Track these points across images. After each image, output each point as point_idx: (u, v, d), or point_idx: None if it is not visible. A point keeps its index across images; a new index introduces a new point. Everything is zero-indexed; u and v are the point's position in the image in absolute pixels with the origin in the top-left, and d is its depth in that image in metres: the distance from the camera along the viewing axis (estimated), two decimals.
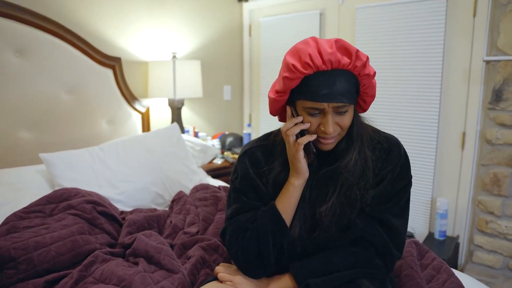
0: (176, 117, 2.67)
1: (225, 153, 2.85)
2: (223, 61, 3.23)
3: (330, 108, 0.89)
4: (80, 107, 2.23)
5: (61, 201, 1.47)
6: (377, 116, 2.55)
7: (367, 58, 0.91)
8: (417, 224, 2.54)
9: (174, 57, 2.61)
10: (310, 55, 0.86)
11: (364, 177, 0.97)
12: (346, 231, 0.99)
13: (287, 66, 0.90)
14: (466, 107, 2.32)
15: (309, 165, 0.99)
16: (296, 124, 0.94)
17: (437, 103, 2.38)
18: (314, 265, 0.98)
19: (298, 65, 0.88)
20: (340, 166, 0.97)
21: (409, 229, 2.50)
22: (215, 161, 2.71)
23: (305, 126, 0.93)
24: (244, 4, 3.31)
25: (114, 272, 1.12)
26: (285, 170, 1.01)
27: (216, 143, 2.83)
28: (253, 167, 1.05)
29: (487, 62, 2.22)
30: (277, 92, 0.95)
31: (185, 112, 2.92)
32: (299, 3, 2.98)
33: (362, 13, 2.61)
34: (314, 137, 0.94)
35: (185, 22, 2.86)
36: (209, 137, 2.91)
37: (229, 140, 2.86)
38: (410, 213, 2.61)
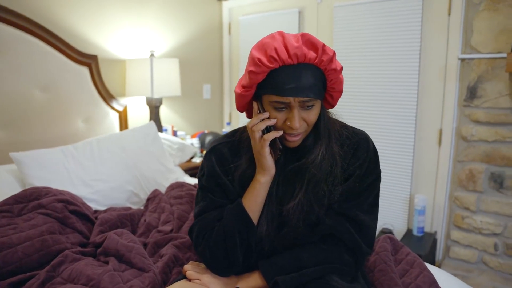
0: (154, 115, 2.63)
1: (204, 151, 2.83)
2: (202, 59, 3.21)
3: (296, 103, 0.88)
4: (54, 106, 2.18)
5: (30, 201, 1.43)
6: (355, 113, 2.60)
7: (334, 52, 0.89)
8: (396, 220, 2.56)
9: (152, 55, 2.58)
10: (276, 49, 0.85)
11: (332, 172, 0.96)
12: (315, 228, 0.98)
13: (252, 60, 0.88)
14: (442, 104, 2.35)
15: (276, 162, 0.98)
16: (262, 120, 0.93)
17: (414, 101, 2.41)
18: (283, 263, 0.96)
19: (264, 59, 0.86)
20: (307, 162, 0.95)
21: (388, 226, 2.53)
22: (194, 159, 2.68)
23: (271, 122, 0.91)
24: (224, 3, 3.29)
25: (82, 272, 1.09)
26: (251, 167, 0.99)
27: (195, 142, 2.81)
28: (220, 164, 1.03)
29: (462, 60, 2.26)
30: (243, 87, 0.93)
31: (164, 111, 2.89)
32: (278, 1, 2.98)
33: (340, 11, 2.62)
34: (280, 133, 0.92)
35: (163, 20, 2.82)
36: (188, 136, 2.88)
37: (208, 138, 2.84)
38: (389, 210, 2.65)
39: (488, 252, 2.28)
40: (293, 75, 0.87)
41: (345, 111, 2.63)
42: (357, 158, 0.99)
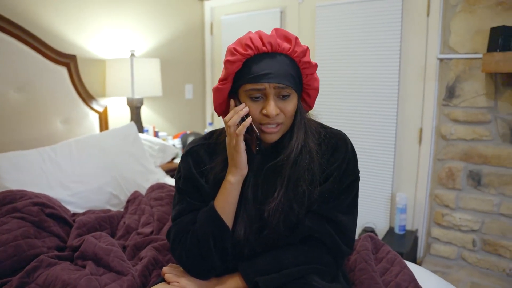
0: (135, 116, 2.60)
1: None
2: (184, 59, 3.18)
3: (271, 89, 0.89)
4: (31, 106, 2.12)
5: (4, 204, 1.39)
6: (336, 113, 2.62)
7: (307, 48, 0.92)
8: (378, 219, 2.59)
9: (132, 55, 2.54)
10: (251, 38, 0.89)
11: (310, 170, 0.96)
12: (295, 230, 0.98)
13: (229, 51, 0.91)
14: (422, 103, 2.39)
15: (250, 161, 0.97)
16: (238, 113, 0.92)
17: (395, 100, 2.43)
18: (263, 264, 0.96)
19: (239, 48, 0.89)
20: (283, 158, 0.95)
21: (370, 224, 2.55)
22: (175, 160, 2.66)
23: (245, 110, 0.91)
24: (205, 2, 3.27)
25: (58, 277, 1.06)
26: (226, 168, 0.98)
27: (177, 142, 2.78)
28: (196, 166, 1.02)
29: (441, 60, 2.30)
30: (220, 80, 0.94)
31: (145, 111, 2.85)
32: (260, 1, 2.98)
33: (322, 11, 2.64)
34: (249, 120, 0.91)
35: (144, 19, 2.79)
36: (170, 137, 2.85)
37: (190, 139, 2.82)
38: (371, 208, 2.67)
39: (467, 248, 2.33)
40: (268, 62, 0.89)
41: (327, 110, 2.67)
42: (336, 159, 0.99)
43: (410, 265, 1.31)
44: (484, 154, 2.22)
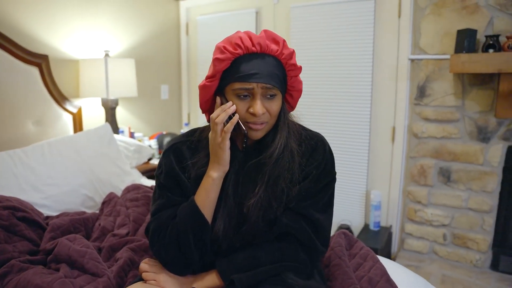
0: (110, 117, 2.56)
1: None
2: (159, 60, 3.16)
3: (259, 89, 0.91)
4: (1, 108, 2.06)
5: None
6: (311, 112, 2.65)
7: (293, 50, 0.96)
8: (354, 216, 2.64)
9: (106, 55, 2.51)
10: (240, 38, 0.91)
11: (290, 169, 0.98)
12: (272, 227, 1.00)
13: (218, 49, 0.92)
14: (395, 103, 2.45)
15: (232, 158, 0.98)
16: (225, 111, 0.93)
17: (368, 99, 2.49)
18: (240, 261, 0.97)
19: (229, 47, 0.91)
20: (266, 156, 0.97)
21: (345, 222, 2.60)
22: (152, 161, 2.64)
23: (232, 108, 0.92)
24: (181, 2, 3.26)
25: (30, 281, 1.04)
26: (208, 164, 0.99)
27: (154, 143, 2.76)
28: (178, 162, 1.02)
29: (412, 60, 2.37)
30: (207, 78, 0.95)
31: (120, 112, 2.81)
32: (235, 1, 2.99)
33: (296, 12, 2.67)
34: (237, 117, 0.92)
35: (118, 19, 2.75)
36: (146, 138, 2.83)
37: (166, 140, 2.80)
38: (346, 206, 2.72)
39: (438, 243, 2.41)
40: (257, 62, 0.91)
41: (302, 109, 2.68)
42: (315, 159, 1.02)
43: (385, 260, 1.35)
44: (453, 151, 2.30)
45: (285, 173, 0.98)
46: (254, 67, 0.90)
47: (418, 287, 1.26)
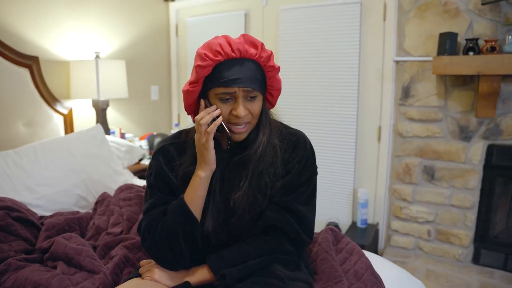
0: (101, 118, 2.58)
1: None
2: (149, 61, 3.18)
3: (240, 92, 0.97)
4: None
5: None
6: (300, 112, 2.72)
7: (271, 52, 1.00)
8: (342, 214, 2.71)
9: (97, 56, 2.53)
10: (220, 44, 0.95)
11: (273, 164, 1.04)
12: (258, 220, 1.05)
13: (199, 56, 0.96)
14: (380, 103, 2.53)
15: (218, 157, 1.03)
16: (209, 113, 0.98)
17: (355, 100, 2.56)
18: (229, 256, 1.02)
19: (210, 54, 0.95)
20: (250, 153, 1.03)
21: (334, 219, 2.67)
22: (143, 161, 2.66)
23: (217, 112, 0.98)
24: (170, 4, 3.29)
25: (29, 278, 1.08)
26: (195, 164, 1.05)
27: (144, 144, 2.79)
28: (167, 163, 1.08)
29: (397, 62, 2.44)
30: (190, 83, 1.00)
31: (111, 113, 2.84)
32: (224, 3, 3.03)
33: (285, 14, 2.72)
34: (220, 119, 0.98)
35: (108, 21, 2.77)
36: (137, 138, 2.85)
37: (157, 140, 2.83)
38: (334, 204, 2.78)
39: (423, 238, 2.49)
40: (237, 68, 0.96)
41: (290, 110, 2.76)
42: (297, 155, 1.08)
43: (372, 256, 1.41)
44: (437, 150, 2.38)
45: (268, 168, 1.04)
46: (235, 73, 0.95)
47: (402, 280, 1.32)
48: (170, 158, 1.08)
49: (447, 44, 2.09)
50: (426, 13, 2.28)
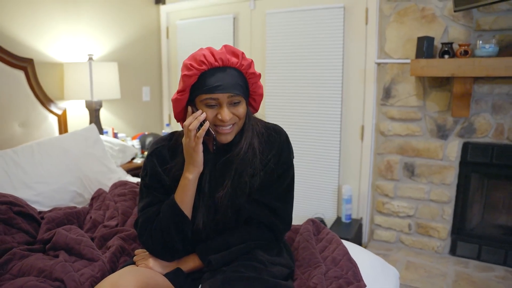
0: (95, 118, 2.66)
1: (145, 152, 2.91)
2: (141, 62, 3.27)
3: (224, 98, 1.06)
4: None
5: None
6: (286, 112, 2.84)
7: (252, 60, 1.11)
8: (327, 209, 2.82)
9: (90, 59, 2.61)
10: (204, 55, 1.04)
11: (252, 164, 1.14)
12: (239, 214, 1.16)
13: (185, 66, 1.06)
14: (363, 103, 2.65)
15: (205, 159, 1.13)
16: (197, 118, 1.08)
17: (339, 100, 2.68)
18: (215, 245, 1.14)
19: (194, 64, 1.05)
20: (233, 154, 1.13)
21: (319, 215, 2.78)
22: (135, 160, 2.75)
23: (203, 116, 1.07)
24: (161, 7, 3.38)
25: (33, 265, 1.17)
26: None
27: (136, 143, 2.87)
28: (160, 164, 1.17)
29: (378, 64, 2.57)
30: (178, 92, 1.10)
31: (104, 114, 2.92)
32: (214, 7, 3.13)
33: (272, 18, 2.83)
34: (207, 124, 1.07)
35: (101, 23, 2.85)
36: (129, 138, 2.94)
37: (149, 140, 2.92)
38: (319, 200, 2.90)
39: (404, 232, 2.62)
40: (220, 75, 1.05)
41: (277, 110, 2.88)
42: (272, 147, 1.18)
43: (357, 248, 1.53)
44: (417, 148, 2.51)
45: (247, 169, 1.14)
46: (219, 80, 1.04)
47: (376, 266, 1.44)
48: (163, 160, 1.17)
49: (425, 47, 2.21)
50: (405, 18, 2.41)
